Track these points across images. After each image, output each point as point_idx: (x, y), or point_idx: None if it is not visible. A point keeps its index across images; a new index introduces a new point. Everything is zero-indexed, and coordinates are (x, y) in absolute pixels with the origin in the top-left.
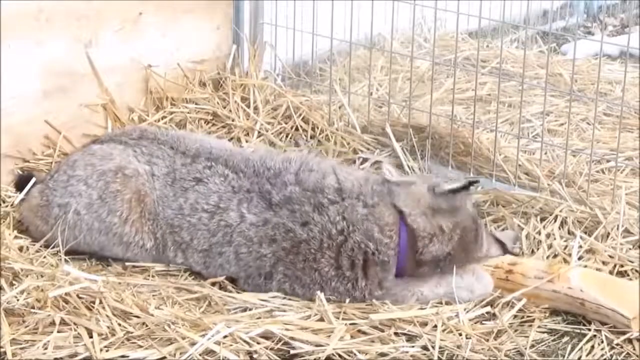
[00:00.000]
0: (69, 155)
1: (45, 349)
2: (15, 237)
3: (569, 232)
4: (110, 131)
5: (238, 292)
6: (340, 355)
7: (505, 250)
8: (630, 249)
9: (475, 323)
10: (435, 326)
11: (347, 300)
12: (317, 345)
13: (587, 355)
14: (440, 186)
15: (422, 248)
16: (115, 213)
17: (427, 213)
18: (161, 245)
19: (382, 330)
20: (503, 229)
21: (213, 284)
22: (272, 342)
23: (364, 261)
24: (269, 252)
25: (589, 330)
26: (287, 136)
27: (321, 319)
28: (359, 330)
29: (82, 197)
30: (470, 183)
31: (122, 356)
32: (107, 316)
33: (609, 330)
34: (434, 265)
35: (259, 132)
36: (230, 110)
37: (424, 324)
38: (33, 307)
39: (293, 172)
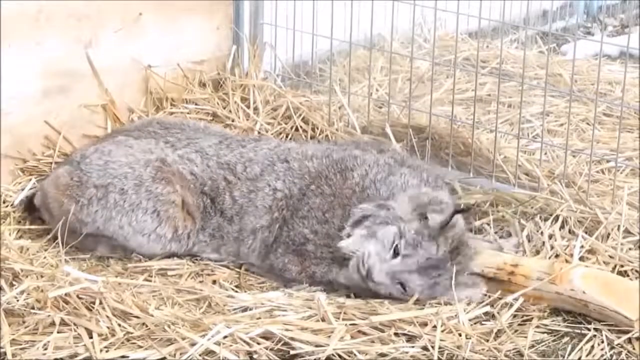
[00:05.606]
0: (95, 145)
1: (45, 349)
2: (16, 237)
3: (570, 232)
4: (131, 124)
5: (238, 292)
6: (340, 356)
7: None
8: (630, 249)
9: (475, 323)
10: (435, 326)
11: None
12: (317, 346)
13: (587, 356)
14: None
15: None
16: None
17: None
18: (208, 200)
19: (382, 331)
20: (502, 228)
21: (214, 282)
22: (272, 342)
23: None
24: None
25: (589, 330)
26: (287, 136)
27: (321, 319)
28: (359, 331)
29: (127, 180)
30: (456, 212)
31: (122, 356)
32: (107, 317)
33: (609, 330)
34: None
35: (259, 132)
36: (230, 111)
37: (424, 325)
38: (33, 308)
39: None
